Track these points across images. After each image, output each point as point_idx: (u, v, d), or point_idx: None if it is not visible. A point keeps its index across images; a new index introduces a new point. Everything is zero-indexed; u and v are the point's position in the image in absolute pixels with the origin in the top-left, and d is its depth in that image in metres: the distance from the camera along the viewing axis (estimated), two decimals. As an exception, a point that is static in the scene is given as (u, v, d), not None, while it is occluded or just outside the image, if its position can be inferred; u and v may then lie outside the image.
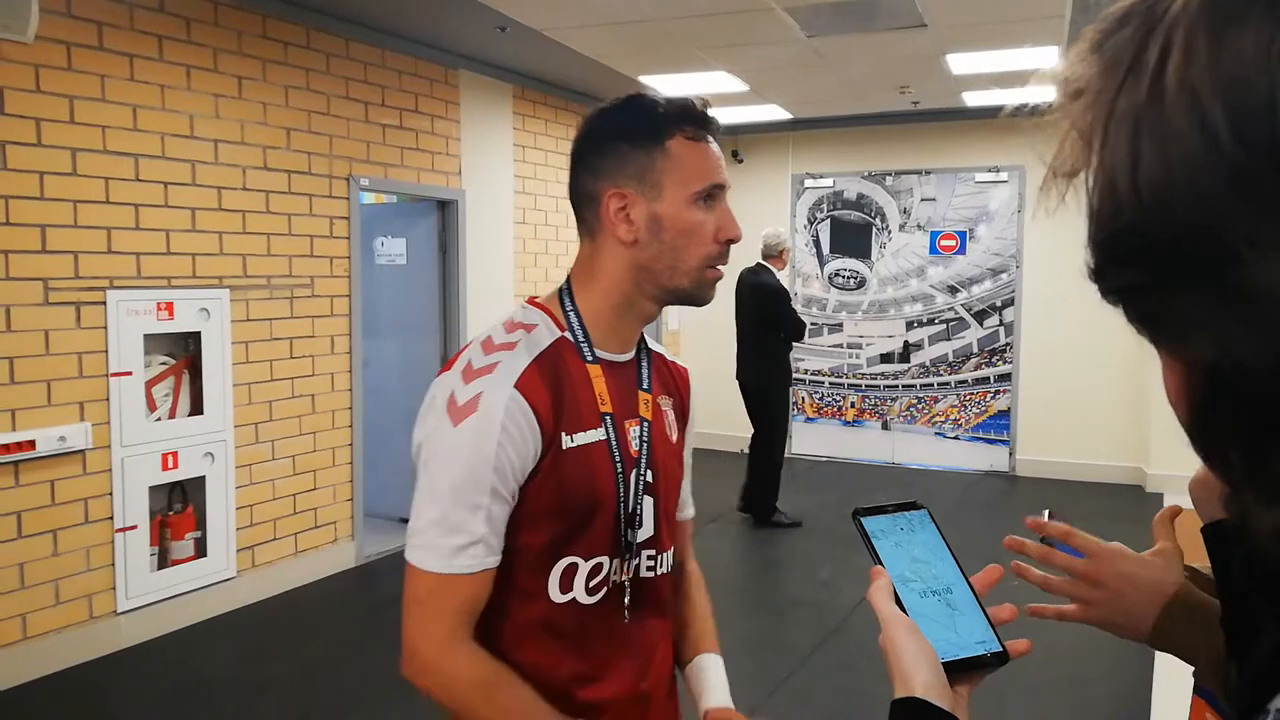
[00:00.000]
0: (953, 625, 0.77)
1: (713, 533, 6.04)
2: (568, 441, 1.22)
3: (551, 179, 6.95)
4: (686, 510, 1.51)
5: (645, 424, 1.32)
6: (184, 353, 4.47)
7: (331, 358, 5.22)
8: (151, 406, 4.31)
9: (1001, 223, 7.80)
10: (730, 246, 1.27)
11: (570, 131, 7.89)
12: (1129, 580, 0.98)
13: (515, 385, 1.18)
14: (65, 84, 3.92)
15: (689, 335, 8.53)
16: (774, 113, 7.44)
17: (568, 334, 1.27)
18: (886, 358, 8.23)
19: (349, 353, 5.33)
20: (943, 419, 8.10)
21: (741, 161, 8.32)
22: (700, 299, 1.29)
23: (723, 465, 7.00)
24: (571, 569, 1.24)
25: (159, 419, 4.34)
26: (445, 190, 5.99)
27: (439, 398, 1.21)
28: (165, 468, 4.36)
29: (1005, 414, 7.89)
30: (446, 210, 6.09)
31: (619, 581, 1.29)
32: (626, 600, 1.29)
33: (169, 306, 4.34)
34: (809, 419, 8.46)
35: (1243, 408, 0.44)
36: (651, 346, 1.40)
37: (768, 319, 6.04)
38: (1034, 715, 3.65)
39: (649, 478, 1.31)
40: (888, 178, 8.15)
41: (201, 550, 4.55)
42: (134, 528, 4.23)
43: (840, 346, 8.33)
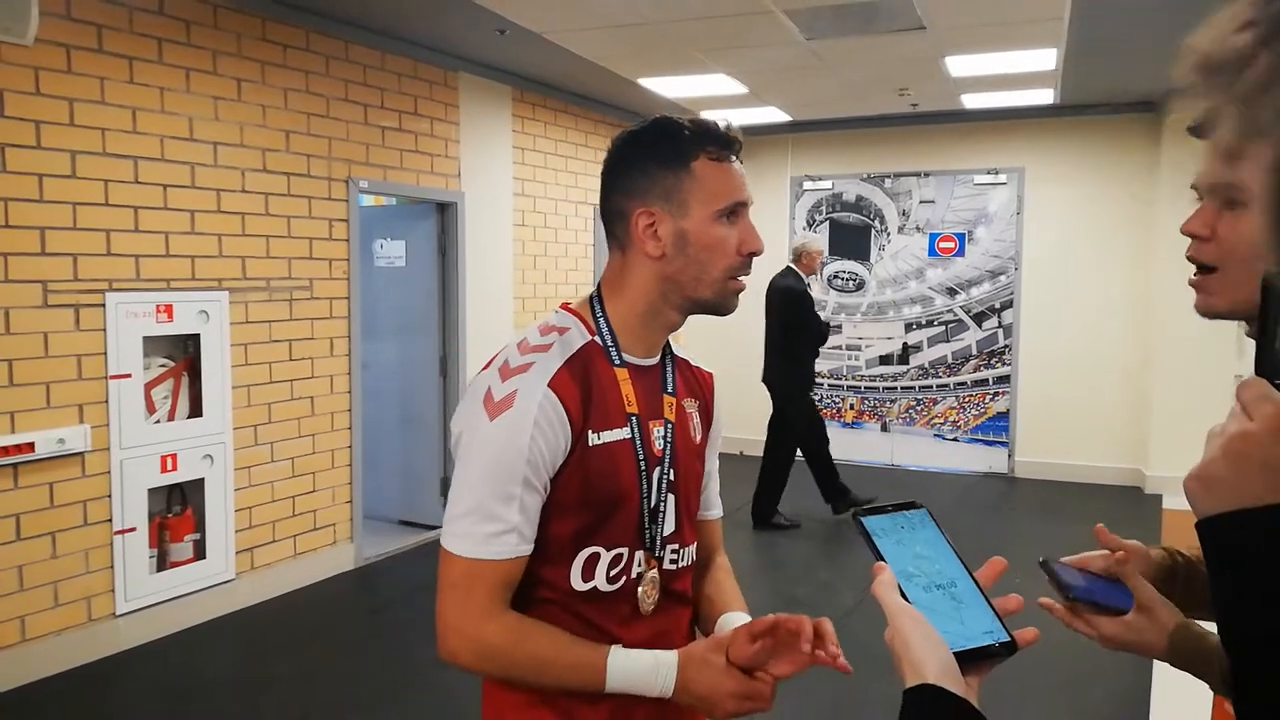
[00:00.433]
0: (959, 617, 0.77)
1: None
2: (595, 439, 1.29)
3: (551, 181, 6.95)
4: (714, 510, 1.58)
5: (669, 425, 1.39)
6: (183, 355, 4.47)
7: (331, 360, 5.22)
8: (150, 409, 4.31)
9: (1000, 225, 7.81)
10: (753, 258, 1.33)
11: (569, 134, 7.84)
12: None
13: (549, 384, 1.26)
14: (65, 87, 3.92)
15: (689, 335, 8.51)
16: (773, 115, 7.44)
17: (597, 338, 1.34)
18: (885, 359, 8.24)
19: (348, 355, 5.33)
20: (942, 421, 8.11)
21: (740, 164, 8.31)
22: (723, 308, 1.35)
23: (722, 466, 6.98)
24: (594, 558, 1.31)
25: (158, 421, 4.34)
26: (444, 192, 5.99)
27: (477, 393, 1.28)
28: (164, 470, 4.36)
29: (1004, 416, 7.89)
30: (446, 212, 6.09)
31: (642, 574, 1.35)
32: (651, 590, 1.35)
33: (168, 309, 4.34)
34: (808, 421, 8.46)
35: None
36: (677, 352, 1.47)
37: (788, 322, 6.08)
38: (1034, 715, 3.66)
39: (671, 476, 1.37)
40: (887, 180, 8.16)
41: (200, 552, 4.55)
42: (133, 530, 4.23)
43: (839, 348, 8.32)
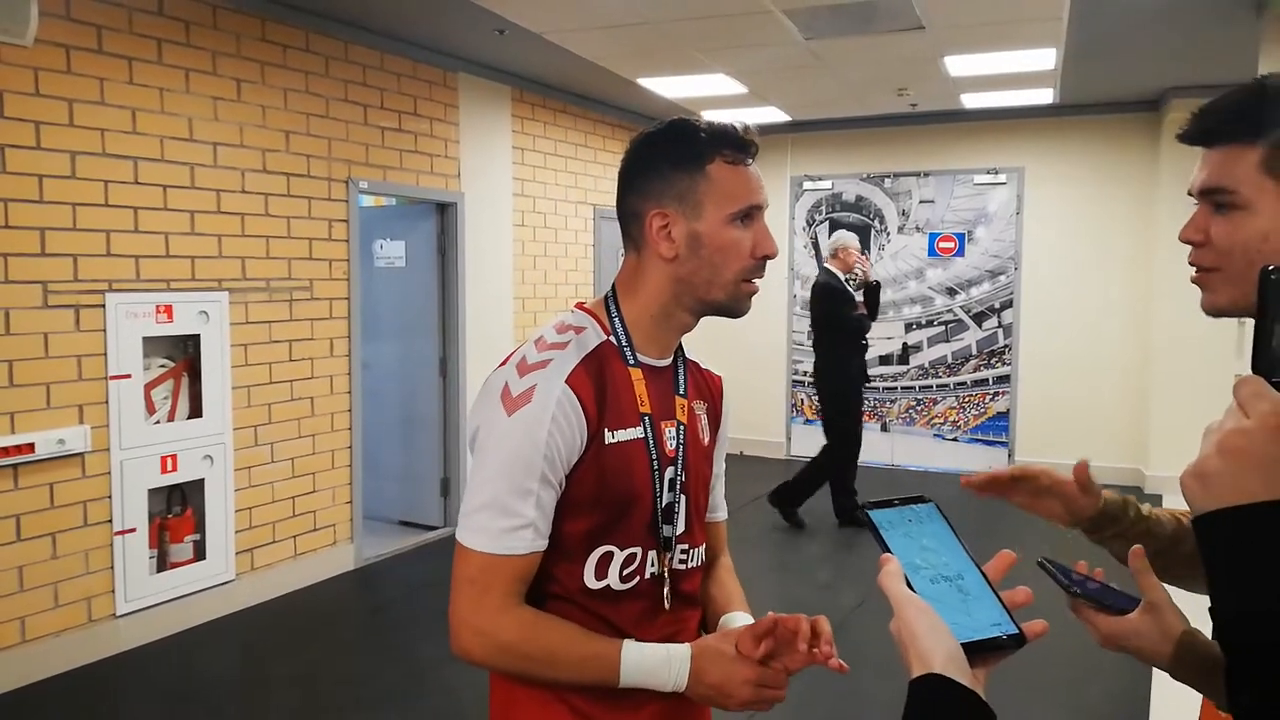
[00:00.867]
0: (966, 609, 0.77)
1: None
2: (609, 437, 1.29)
3: (550, 181, 6.95)
4: (720, 512, 1.58)
5: (681, 426, 1.39)
6: (183, 355, 4.47)
7: (330, 360, 5.22)
8: (150, 409, 4.31)
9: (1000, 224, 7.81)
10: (767, 262, 1.33)
11: (569, 134, 7.84)
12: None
13: (566, 381, 1.26)
14: (64, 87, 3.92)
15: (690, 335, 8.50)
16: (772, 115, 7.44)
17: (613, 338, 1.35)
18: (885, 359, 8.23)
19: (348, 355, 5.33)
20: (942, 421, 8.11)
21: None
22: (736, 311, 1.36)
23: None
24: (607, 557, 1.31)
25: (158, 422, 4.34)
26: (444, 193, 5.99)
27: (494, 389, 1.28)
28: (164, 470, 4.36)
29: (1004, 415, 7.89)
30: (445, 213, 6.09)
31: (655, 573, 1.35)
32: (666, 590, 1.36)
33: (168, 309, 4.34)
34: (808, 421, 8.45)
35: None
36: (687, 355, 1.48)
37: (824, 320, 6.14)
38: (1034, 715, 3.65)
39: (683, 477, 1.38)
40: (886, 180, 8.16)
41: (200, 553, 4.55)
42: (133, 530, 4.23)
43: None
